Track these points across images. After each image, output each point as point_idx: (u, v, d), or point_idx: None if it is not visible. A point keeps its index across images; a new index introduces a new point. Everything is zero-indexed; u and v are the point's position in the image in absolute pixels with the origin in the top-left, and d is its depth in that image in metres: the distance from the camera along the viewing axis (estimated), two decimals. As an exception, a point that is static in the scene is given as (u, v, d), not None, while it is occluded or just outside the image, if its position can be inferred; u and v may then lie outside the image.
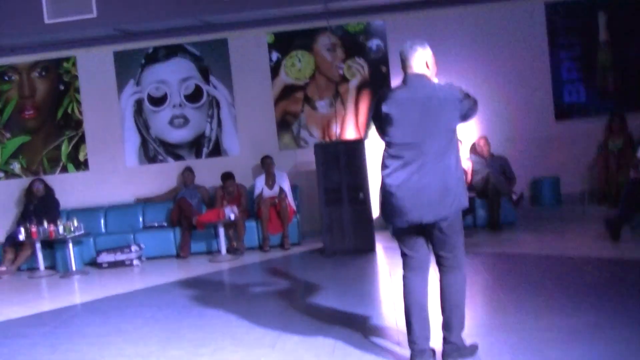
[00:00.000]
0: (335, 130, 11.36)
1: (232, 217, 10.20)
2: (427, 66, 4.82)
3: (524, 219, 10.74)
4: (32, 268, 10.79)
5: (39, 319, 7.79)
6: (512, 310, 6.08)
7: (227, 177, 10.87)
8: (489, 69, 11.25)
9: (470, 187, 10.38)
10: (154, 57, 11.60)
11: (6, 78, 11.84)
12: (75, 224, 10.31)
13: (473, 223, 10.55)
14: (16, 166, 11.92)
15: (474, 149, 10.96)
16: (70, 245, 10.26)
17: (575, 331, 5.33)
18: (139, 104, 11.67)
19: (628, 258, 7.83)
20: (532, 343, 5.13)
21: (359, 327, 6.01)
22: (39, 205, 11.16)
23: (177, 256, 10.81)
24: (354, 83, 11.37)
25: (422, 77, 4.78)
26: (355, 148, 10.00)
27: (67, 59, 11.73)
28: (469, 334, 5.09)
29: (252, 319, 6.62)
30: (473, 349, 4.93)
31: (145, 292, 8.67)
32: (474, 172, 10.63)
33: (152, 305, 7.87)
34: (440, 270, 4.89)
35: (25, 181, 11.66)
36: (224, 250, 10.31)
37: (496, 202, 10.37)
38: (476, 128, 11.10)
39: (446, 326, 4.86)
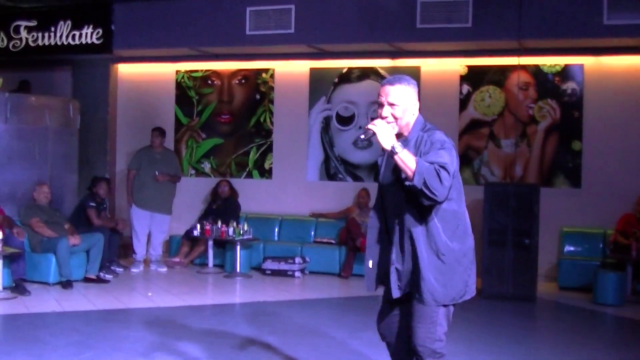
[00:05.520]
0: (517, 171, 11.00)
1: (395, 244, 10.12)
2: None
3: None
4: (203, 264, 11.30)
5: (177, 312, 8.25)
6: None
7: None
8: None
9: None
10: (346, 77, 11.81)
11: (209, 82, 12.52)
12: (245, 228, 10.69)
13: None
14: (207, 166, 12.55)
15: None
16: (238, 247, 10.64)
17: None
18: (326, 121, 11.92)
19: None
20: None
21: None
22: (221, 206, 11.63)
23: (339, 275, 10.91)
24: (542, 125, 10.95)
25: None
26: (529, 192, 9.65)
27: (266, 71, 12.21)
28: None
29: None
30: None
31: (279, 304, 8.95)
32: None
33: (269, 315, 8.05)
34: None
35: (212, 181, 12.21)
36: (382, 276, 10.26)
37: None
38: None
39: None
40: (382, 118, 4.14)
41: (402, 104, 4.15)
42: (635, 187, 10.41)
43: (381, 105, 4.19)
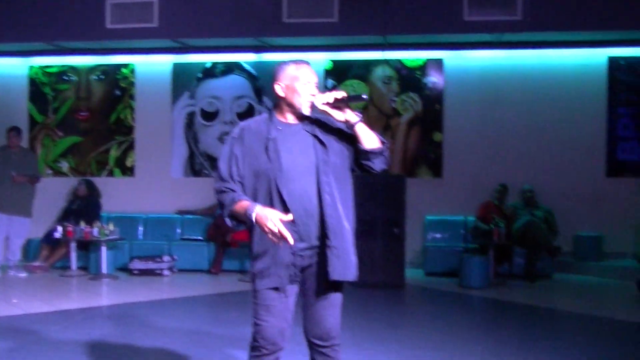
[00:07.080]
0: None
1: (267, 238, 10.13)
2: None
3: (561, 273, 10.58)
4: (66, 267, 10.85)
5: (47, 317, 7.88)
6: None
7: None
8: (543, 117, 11.05)
9: (510, 233, 10.23)
10: (211, 72, 11.70)
11: (65, 78, 12.06)
12: (111, 228, 10.38)
13: (509, 271, 10.41)
14: (65, 165, 12.09)
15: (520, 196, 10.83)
16: (104, 248, 10.32)
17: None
18: (190, 117, 11.76)
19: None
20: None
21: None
22: (81, 206, 11.26)
23: (209, 272, 10.80)
24: (405, 118, 11.28)
25: None
26: (396, 183, 9.92)
27: (125, 66, 11.89)
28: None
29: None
30: None
31: (152, 304, 8.73)
32: (516, 217, 10.50)
33: (146, 316, 7.90)
34: None
35: (71, 180, 11.79)
36: (254, 270, 10.25)
37: (534, 253, 10.17)
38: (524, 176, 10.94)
39: None
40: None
41: None
42: (494, 176, 10.93)
43: (309, 83, 3.87)
